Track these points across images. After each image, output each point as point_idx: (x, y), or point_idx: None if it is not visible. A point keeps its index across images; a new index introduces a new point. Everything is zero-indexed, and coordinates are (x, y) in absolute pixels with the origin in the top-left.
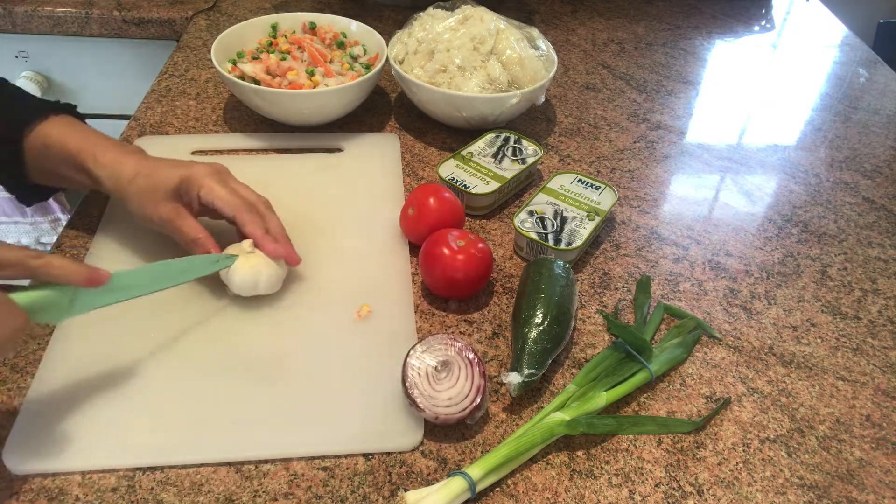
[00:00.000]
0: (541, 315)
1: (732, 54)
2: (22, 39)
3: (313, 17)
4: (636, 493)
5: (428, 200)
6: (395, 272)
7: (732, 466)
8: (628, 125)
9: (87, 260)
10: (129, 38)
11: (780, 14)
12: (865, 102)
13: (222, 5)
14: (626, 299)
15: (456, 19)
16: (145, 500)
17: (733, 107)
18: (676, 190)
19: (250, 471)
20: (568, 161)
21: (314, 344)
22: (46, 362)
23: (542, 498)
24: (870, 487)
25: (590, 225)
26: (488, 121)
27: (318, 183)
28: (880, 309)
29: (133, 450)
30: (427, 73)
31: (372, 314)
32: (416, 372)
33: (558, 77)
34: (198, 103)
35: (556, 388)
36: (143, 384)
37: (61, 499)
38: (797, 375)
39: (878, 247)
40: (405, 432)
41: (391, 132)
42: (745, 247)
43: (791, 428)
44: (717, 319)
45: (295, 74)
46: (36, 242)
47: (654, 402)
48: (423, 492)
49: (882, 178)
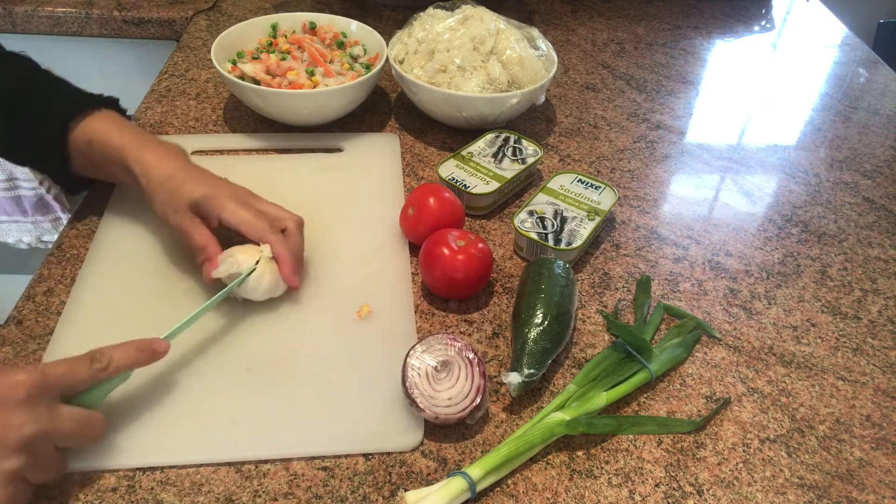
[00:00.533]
0: (541, 315)
1: (732, 54)
2: (22, 39)
3: (313, 17)
4: (636, 493)
5: (428, 200)
6: (395, 272)
7: (732, 466)
8: (628, 125)
9: (88, 260)
10: (129, 38)
11: (780, 14)
12: (865, 102)
13: (222, 5)
14: (626, 299)
15: (456, 19)
16: (145, 500)
17: (733, 107)
18: (676, 190)
19: (250, 471)
20: (568, 161)
21: (314, 344)
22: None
23: (542, 498)
24: (870, 487)
25: (590, 225)
26: (488, 121)
27: (318, 183)
28: (880, 309)
29: (133, 450)
30: (427, 73)
31: (372, 314)
32: (416, 372)
33: (558, 77)
34: (198, 103)
35: (556, 388)
36: (142, 384)
37: (61, 499)
38: (797, 375)
39: (878, 247)
40: (405, 432)
41: (391, 132)
42: (745, 247)
43: (791, 428)
44: (717, 319)
45: (295, 74)
46: (37, 241)
47: (654, 402)
48: (423, 492)
49: (882, 178)
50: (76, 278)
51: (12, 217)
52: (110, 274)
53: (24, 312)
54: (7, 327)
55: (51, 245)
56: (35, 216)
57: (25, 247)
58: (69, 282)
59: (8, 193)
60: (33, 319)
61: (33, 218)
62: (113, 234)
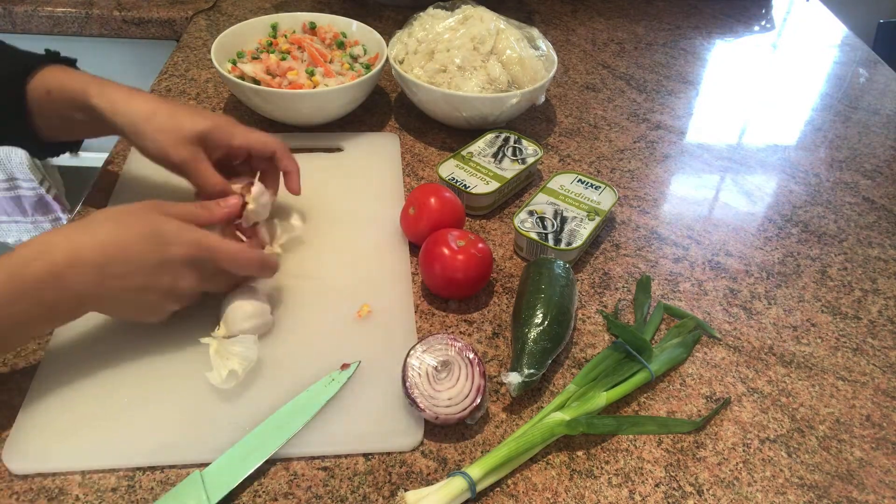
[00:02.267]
0: (541, 315)
1: (732, 54)
2: (22, 39)
3: (313, 17)
4: (636, 493)
5: (428, 200)
6: (395, 272)
7: (732, 466)
8: (628, 125)
9: None
10: (129, 38)
11: (780, 14)
12: (865, 102)
13: (222, 5)
14: (626, 299)
15: (456, 19)
16: (145, 500)
17: (733, 107)
18: (676, 190)
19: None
20: (568, 161)
21: (314, 344)
22: (46, 362)
23: (542, 498)
24: (870, 487)
25: (590, 225)
26: (488, 121)
27: (317, 183)
28: (880, 309)
29: (133, 450)
30: (427, 73)
31: (372, 314)
32: (416, 372)
33: (558, 77)
34: (198, 103)
35: (556, 388)
36: (143, 384)
37: (61, 499)
38: (797, 375)
39: (878, 247)
40: (405, 432)
41: (391, 132)
42: (745, 247)
43: (791, 428)
44: (717, 319)
45: (295, 74)
46: None
47: (654, 402)
48: (423, 492)
49: (882, 178)
50: None
51: (12, 217)
52: None
53: None
54: None
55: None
56: (35, 216)
57: None
58: None
59: (8, 193)
60: None
61: (33, 218)
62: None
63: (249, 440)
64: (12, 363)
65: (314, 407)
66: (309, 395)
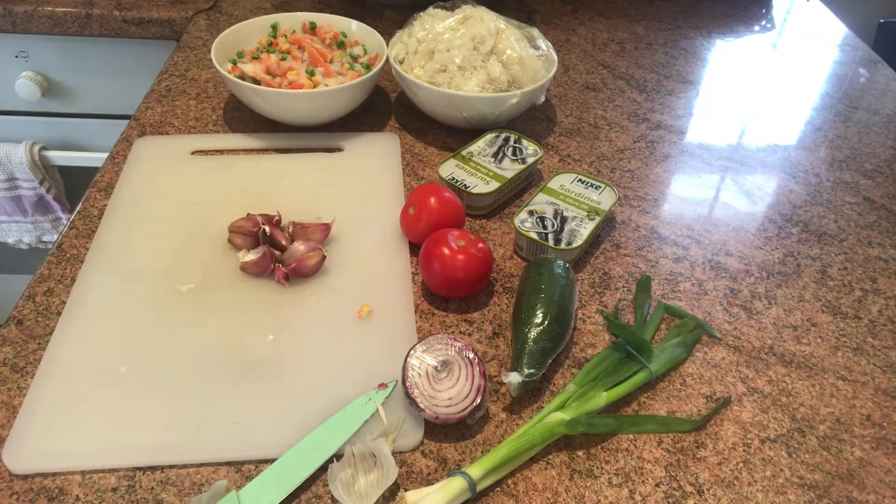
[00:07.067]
0: (541, 315)
1: (732, 54)
2: (22, 39)
3: (313, 17)
4: (636, 493)
5: (428, 200)
6: (395, 272)
7: (733, 466)
8: (628, 125)
9: (88, 260)
10: (129, 38)
11: (780, 14)
12: (865, 102)
13: (222, 5)
14: (626, 299)
15: (456, 19)
16: (145, 500)
17: (733, 106)
18: (676, 190)
19: (250, 471)
20: (568, 161)
21: (314, 344)
22: (46, 362)
23: (542, 498)
24: (870, 487)
25: (590, 225)
26: (488, 121)
27: (318, 183)
28: (880, 309)
29: (133, 450)
30: (427, 73)
31: (372, 314)
32: (416, 372)
33: (558, 77)
34: (198, 103)
35: (556, 388)
36: (143, 384)
37: (61, 499)
38: (797, 375)
39: (879, 246)
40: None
41: (391, 132)
42: (746, 246)
43: (791, 428)
44: (717, 319)
45: (295, 74)
46: (37, 241)
47: (654, 401)
48: (423, 491)
49: (882, 177)
50: (76, 278)
51: (12, 217)
52: (110, 274)
53: (24, 312)
54: (7, 327)
55: (51, 245)
56: (35, 216)
57: (25, 247)
58: (69, 282)
59: (8, 193)
60: (33, 319)
61: (33, 218)
62: (113, 234)
63: (287, 459)
64: (12, 363)
65: (352, 427)
66: (346, 416)
